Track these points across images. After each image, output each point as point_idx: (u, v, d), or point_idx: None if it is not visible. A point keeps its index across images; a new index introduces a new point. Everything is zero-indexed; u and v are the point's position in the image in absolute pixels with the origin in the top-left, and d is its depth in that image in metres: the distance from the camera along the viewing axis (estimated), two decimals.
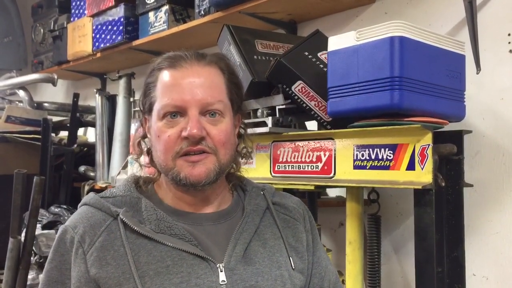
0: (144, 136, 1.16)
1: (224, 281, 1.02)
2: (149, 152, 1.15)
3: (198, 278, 1.00)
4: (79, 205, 1.13)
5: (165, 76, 1.08)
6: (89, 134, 3.52)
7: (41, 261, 2.34)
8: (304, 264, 1.14)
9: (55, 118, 3.20)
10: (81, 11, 3.19)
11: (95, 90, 3.02)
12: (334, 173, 1.51)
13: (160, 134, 1.06)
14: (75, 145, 3.00)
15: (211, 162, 1.05)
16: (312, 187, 1.58)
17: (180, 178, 1.05)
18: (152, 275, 0.99)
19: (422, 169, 1.32)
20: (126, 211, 1.06)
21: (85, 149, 3.15)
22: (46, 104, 3.35)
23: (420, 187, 1.32)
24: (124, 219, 1.04)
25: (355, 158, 1.46)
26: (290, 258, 1.11)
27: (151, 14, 2.67)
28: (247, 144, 1.20)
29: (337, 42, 1.47)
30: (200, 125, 1.04)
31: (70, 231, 1.06)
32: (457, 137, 1.51)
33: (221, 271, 1.02)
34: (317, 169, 1.55)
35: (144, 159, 1.18)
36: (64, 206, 2.70)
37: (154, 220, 1.05)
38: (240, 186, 1.20)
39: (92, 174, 2.98)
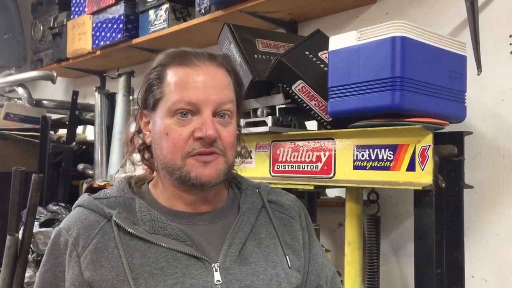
0: (139, 132, 1.13)
1: (219, 281, 1.01)
2: (140, 150, 1.13)
3: (193, 279, 1.00)
4: (73, 206, 1.12)
5: (176, 72, 1.06)
6: (88, 132, 3.51)
7: (38, 259, 2.33)
8: (301, 262, 1.13)
9: (54, 116, 3.19)
10: (81, 8, 3.18)
11: (94, 88, 3.01)
12: (334, 173, 1.51)
13: (169, 132, 1.04)
14: (74, 143, 2.99)
15: (221, 163, 1.05)
16: (312, 187, 1.57)
17: (190, 177, 1.03)
18: (147, 277, 0.99)
19: (422, 170, 1.31)
20: (119, 212, 1.05)
21: (84, 147, 3.14)
22: (45, 102, 3.34)
23: (420, 188, 1.32)
24: (117, 221, 1.03)
25: (355, 158, 1.46)
26: (287, 256, 1.10)
27: (151, 12, 2.67)
28: (243, 142, 1.20)
29: (338, 41, 1.47)
30: (215, 127, 1.03)
31: (64, 234, 1.05)
32: (458, 138, 1.51)
33: (216, 271, 1.02)
34: (316, 169, 1.55)
35: (135, 156, 1.16)
36: (62, 204, 2.68)
37: (148, 221, 1.04)
38: (235, 184, 1.19)
39: (90, 172, 2.97)
